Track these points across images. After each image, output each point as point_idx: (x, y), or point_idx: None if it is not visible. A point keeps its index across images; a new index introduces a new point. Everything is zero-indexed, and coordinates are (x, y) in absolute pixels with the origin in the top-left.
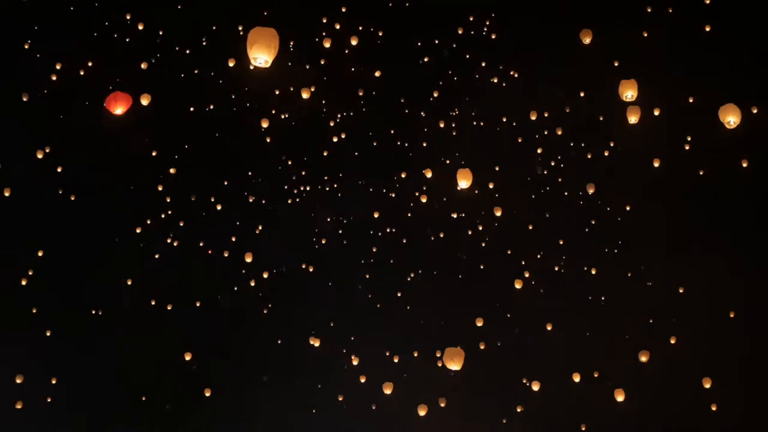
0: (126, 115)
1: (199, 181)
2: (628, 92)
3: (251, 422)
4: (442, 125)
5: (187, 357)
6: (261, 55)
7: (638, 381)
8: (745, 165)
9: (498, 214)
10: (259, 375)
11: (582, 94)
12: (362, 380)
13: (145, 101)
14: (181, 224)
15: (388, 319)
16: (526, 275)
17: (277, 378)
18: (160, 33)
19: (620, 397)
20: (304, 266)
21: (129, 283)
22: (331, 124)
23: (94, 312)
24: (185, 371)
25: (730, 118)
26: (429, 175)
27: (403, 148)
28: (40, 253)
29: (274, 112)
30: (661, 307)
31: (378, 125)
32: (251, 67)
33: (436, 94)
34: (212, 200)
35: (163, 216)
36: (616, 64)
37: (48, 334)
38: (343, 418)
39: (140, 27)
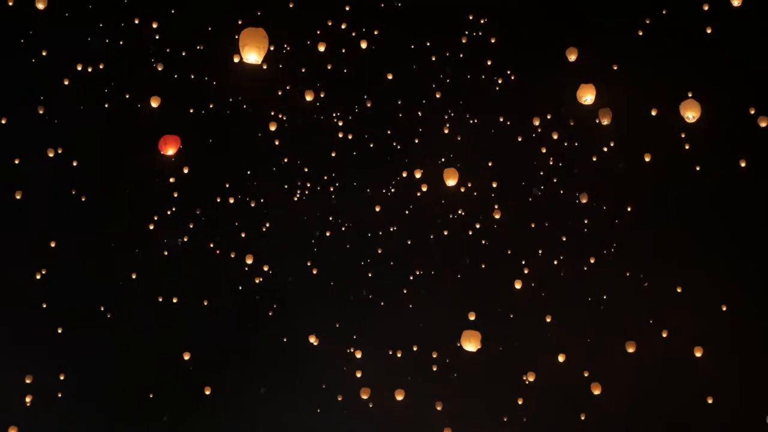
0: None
1: (200, 181)
2: (587, 96)
3: (251, 422)
4: (441, 126)
5: (186, 357)
6: (252, 55)
7: (637, 378)
8: (743, 165)
9: (497, 216)
10: (260, 374)
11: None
12: (362, 377)
13: (155, 103)
14: (191, 226)
15: (389, 319)
16: (526, 272)
17: (278, 378)
18: (163, 36)
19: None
20: (307, 265)
21: (134, 279)
22: (339, 124)
23: (102, 309)
24: (186, 370)
25: (689, 113)
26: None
27: (404, 149)
28: (52, 244)
29: (273, 113)
30: (659, 306)
31: (378, 126)
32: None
33: (438, 95)
34: (217, 201)
35: (169, 212)
36: (615, 68)
37: (60, 331)
38: (343, 418)
39: (153, 26)
